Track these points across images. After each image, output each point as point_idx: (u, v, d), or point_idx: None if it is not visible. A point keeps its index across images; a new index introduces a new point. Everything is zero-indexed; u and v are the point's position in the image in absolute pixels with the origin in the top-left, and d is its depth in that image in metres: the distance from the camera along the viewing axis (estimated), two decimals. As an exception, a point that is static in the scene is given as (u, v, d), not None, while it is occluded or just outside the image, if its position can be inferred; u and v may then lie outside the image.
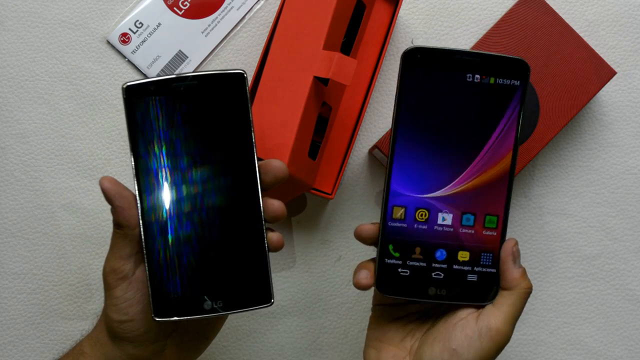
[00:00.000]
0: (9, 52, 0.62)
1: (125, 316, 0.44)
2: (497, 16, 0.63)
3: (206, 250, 0.44)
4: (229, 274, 0.44)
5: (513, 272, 0.45)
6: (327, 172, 0.59)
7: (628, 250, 0.63)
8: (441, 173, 0.46)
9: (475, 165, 0.46)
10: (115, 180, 0.43)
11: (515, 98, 0.46)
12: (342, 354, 0.62)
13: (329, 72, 0.51)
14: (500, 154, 0.46)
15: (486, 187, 0.46)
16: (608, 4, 0.64)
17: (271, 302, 0.44)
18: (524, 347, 0.63)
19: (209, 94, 0.43)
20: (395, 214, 0.46)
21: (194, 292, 0.43)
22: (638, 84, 0.64)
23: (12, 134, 0.62)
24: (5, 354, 0.61)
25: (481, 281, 0.46)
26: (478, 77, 0.46)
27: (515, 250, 0.46)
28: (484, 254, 0.46)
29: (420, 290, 0.46)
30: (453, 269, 0.46)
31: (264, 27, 0.63)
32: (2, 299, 0.62)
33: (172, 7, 0.62)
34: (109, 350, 0.45)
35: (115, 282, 0.43)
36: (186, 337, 0.47)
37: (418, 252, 0.46)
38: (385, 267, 0.46)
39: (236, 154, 0.44)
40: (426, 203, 0.46)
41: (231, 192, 0.44)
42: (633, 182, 0.63)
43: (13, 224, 0.62)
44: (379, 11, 0.61)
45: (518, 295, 0.45)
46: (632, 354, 0.63)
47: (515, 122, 0.46)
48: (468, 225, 0.46)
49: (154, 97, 0.43)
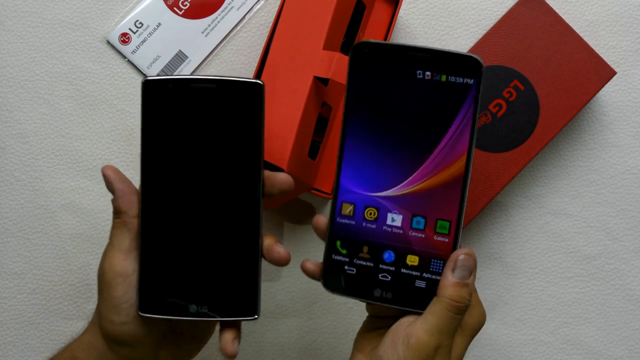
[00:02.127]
0: (9, 52, 0.62)
1: (127, 317, 0.43)
2: (497, 16, 0.63)
3: (200, 254, 0.44)
4: (218, 280, 0.44)
5: (445, 279, 0.43)
6: (327, 172, 0.59)
7: (628, 250, 0.63)
8: (392, 172, 0.44)
9: (426, 167, 0.44)
10: (117, 170, 0.44)
11: (468, 97, 0.43)
12: (342, 354, 0.62)
13: (329, 72, 0.51)
14: (453, 156, 0.44)
15: (438, 190, 0.44)
16: (608, 4, 0.64)
17: (255, 316, 0.44)
18: (524, 347, 0.63)
19: (225, 99, 0.43)
20: (344, 210, 0.45)
21: (182, 293, 0.43)
22: (638, 84, 0.64)
23: (12, 134, 0.62)
24: (5, 354, 0.61)
25: (428, 289, 0.44)
26: (429, 74, 0.44)
27: (461, 259, 0.43)
28: (434, 260, 0.44)
29: (366, 291, 0.45)
30: (401, 272, 0.44)
31: (264, 27, 0.63)
32: (2, 299, 0.62)
33: (172, 7, 0.62)
34: (103, 354, 0.44)
35: (115, 281, 0.42)
36: (180, 339, 0.46)
37: (365, 251, 0.45)
38: (332, 263, 0.45)
39: (243, 162, 0.44)
40: (375, 202, 0.45)
41: (233, 200, 0.44)
42: (633, 182, 0.63)
43: (13, 224, 0.62)
44: (379, 11, 0.61)
45: (441, 304, 0.42)
46: (632, 354, 0.63)
47: (469, 122, 0.43)
48: (418, 229, 0.44)
49: (171, 94, 0.43)
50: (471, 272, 0.43)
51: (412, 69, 0.44)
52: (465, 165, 0.44)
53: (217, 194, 0.43)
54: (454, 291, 0.42)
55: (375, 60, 0.44)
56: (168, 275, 0.43)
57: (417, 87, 0.44)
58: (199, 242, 0.44)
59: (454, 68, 0.43)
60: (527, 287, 0.63)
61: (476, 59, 0.43)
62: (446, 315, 0.42)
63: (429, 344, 0.41)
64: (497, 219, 0.63)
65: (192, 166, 0.43)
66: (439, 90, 0.44)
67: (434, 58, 0.43)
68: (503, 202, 0.63)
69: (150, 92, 0.43)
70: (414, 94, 0.44)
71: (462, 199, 0.44)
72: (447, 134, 0.44)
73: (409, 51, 0.44)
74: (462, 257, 0.43)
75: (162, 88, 0.43)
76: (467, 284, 0.42)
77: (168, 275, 0.43)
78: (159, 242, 0.43)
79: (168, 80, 0.43)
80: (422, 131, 0.44)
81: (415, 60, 0.44)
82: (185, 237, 0.43)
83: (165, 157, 0.43)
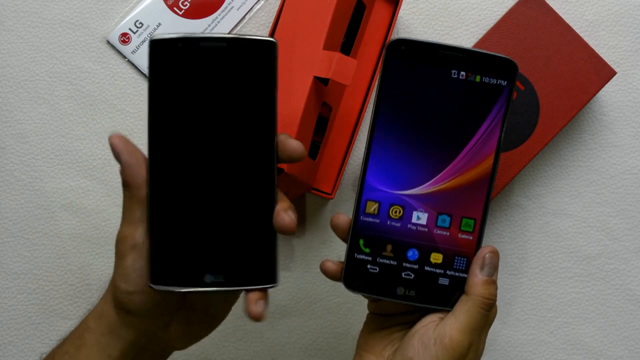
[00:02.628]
0: (9, 52, 0.62)
1: (134, 287, 0.42)
2: (497, 16, 0.63)
3: (213, 221, 0.41)
4: (233, 248, 0.42)
5: (474, 277, 0.43)
6: (327, 172, 0.59)
7: (628, 250, 0.63)
8: (419, 170, 0.44)
9: (454, 165, 0.44)
10: (125, 138, 0.41)
11: (501, 98, 0.44)
12: (342, 354, 0.62)
13: (329, 72, 0.51)
14: (481, 155, 0.44)
15: (465, 188, 0.45)
16: (608, 4, 0.64)
17: (275, 283, 0.42)
18: (524, 347, 0.63)
19: (236, 58, 0.41)
20: (368, 208, 0.45)
21: (195, 262, 0.41)
22: (638, 84, 0.64)
23: (12, 134, 0.62)
24: (5, 354, 0.61)
25: (452, 286, 0.45)
26: (463, 74, 0.44)
27: (488, 257, 0.44)
28: (458, 257, 0.45)
29: (389, 289, 0.45)
30: (424, 270, 0.45)
31: (264, 27, 0.63)
32: (2, 299, 0.62)
33: (172, 7, 0.62)
34: (113, 323, 0.43)
35: (126, 251, 0.41)
36: (193, 315, 0.45)
37: (389, 249, 0.45)
38: (354, 262, 0.45)
39: (255, 125, 0.41)
40: (401, 200, 0.45)
41: (246, 165, 0.41)
42: (633, 182, 0.63)
43: (13, 224, 0.62)
44: (379, 11, 0.61)
45: (473, 302, 0.43)
46: (632, 354, 0.63)
47: (499, 123, 0.44)
48: (443, 227, 0.45)
49: (180, 54, 0.41)
50: (496, 269, 0.44)
51: (447, 68, 0.44)
52: (492, 164, 0.44)
53: (229, 157, 0.41)
54: (484, 289, 0.43)
55: (411, 57, 0.44)
56: (180, 245, 0.41)
57: (451, 86, 0.44)
58: (211, 208, 0.41)
59: (489, 69, 0.44)
60: (527, 287, 0.63)
61: (512, 62, 0.44)
62: (478, 312, 0.43)
63: (463, 343, 0.42)
64: (497, 219, 0.63)
65: (203, 129, 0.41)
66: (472, 91, 0.44)
67: (469, 58, 0.44)
68: (503, 202, 0.63)
69: (157, 52, 0.41)
70: (447, 93, 0.44)
71: (488, 197, 0.45)
72: (477, 134, 0.44)
73: (446, 50, 0.44)
74: (488, 255, 0.44)
75: (170, 47, 0.41)
76: (494, 280, 0.44)
77: (180, 245, 0.41)
78: (169, 211, 0.41)
79: (176, 40, 0.41)
80: (453, 130, 0.44)
81: (450, 60, 0.44)
82: (196, 204, 0.41)
83: (174, 121, 0.41)
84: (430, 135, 0.44)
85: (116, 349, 0.44)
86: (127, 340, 0.44)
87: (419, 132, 0.44)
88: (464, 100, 0.44)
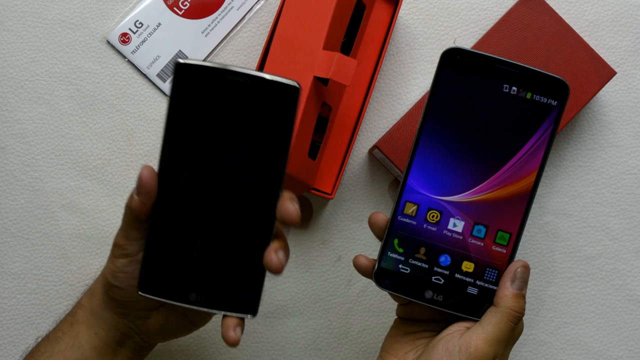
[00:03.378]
0: (9, 52, 0.62)
1: (118, 283, 0.44)
2: (497, 16, 0.63)
3: (207, 246, 0.43)
4: (222, 275, 0.43)
5: (505, 289, 0.44)
6: (327, 172, 0.59)
7: (628, 250, 0.63)
8: (460, 178, 0.45)
9: (496, 178, 0.45)
10: (153, 174, 0.42)
11: (549, 117, 0.45)
12: (342, 354, 0.62)
13: (329, 72, 0.51)
14: (524, 171, 0.45)
15: (504, 202, 0.45)
16: (608, 4, 0.64)
17: (255, 315, 0.43)
18: (523, 347, 0.63)
19: (258, 96, 0.42)
20: (407, 209, 0.46)
21: (184, 280, 0.43)
22: (638, 84, 0.64)
23: (12, 134, 0.62)
24: (5, 354, 0.61)
25: (480, 296, 0.45)
26: (515, 90, 0.45)
27: (520, 271, 0.44)
28: (489, 269, 0.45)
29: (417, 291, 0.45)
30: (455, 277, 0.45)
31: (264, 27, 0.63)
32: (2, 299, 0.62)
33: (172, 7, 0.62)
34: (98, 303, 0.46)
35: (120, 256, 0.44)
36: (172, 315, 0.47)
37: (422, 252, 0.46)
38: (387, 260, 0.46)
39: (266, 165, 0.42)
40: (440, 205, 0.45)
41: (248, 201, 0.43)
42: (633, 182, 0.63)
43: (13, 224, 0.62)
44: (379, 11, 0.61)
45: (502, 314, 0.43)
46: (632, 354, 0.63)
47: (545, 141, 0.45)
48: (478, 237, 0.45)
49: (203, 82, 0.41)
50: (526, 284, 0.45)
51: (499, 81, 0.45)
52: (534, 181, 0.45)
53: (233, 191, 0.43)
54: (514, 302, 0.43)
55: (465, 68, 0.45)
56: (172, 262, 0.43)
57: (501, 100, 0.45)
58: (208, 234, 0.43)
59: (541, 87, 0.45)
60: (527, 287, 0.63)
61: (564, 83, 0.45)
62: (507, 325, 0.43)
63: (488, 354, 0.42)
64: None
65: (212, 160, 0.42)
66: (522, 107, 0.45)
67: (522, 74, 0.45)
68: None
69: (181, 76, 0.41)
70: (497, 107, 0.45)
71: (526, 214, 0.45)
72: (523, 149, 0.45)
73: (500, 64, 0.45)
74: (520, 269, 0.44)
75: (195, 74, 0.41)
76: (524, 295, 0.44)
77: (172, 262, 0.43)
78: (169, 229, 0.43)
79: (201, 67, 0.41)
80: (499, 143, 0.45)
81: (504, 74, 0.45)
82: (195, 227, 0.43)
83: (187, 144, 0.42)
84: (476, 146, 0.45)
85: (102, 328, 0.46)
86: (110, 322, 0.46)
87: (464, 141, 0.45)
88: (512, 115, 0.45)
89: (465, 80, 0.45)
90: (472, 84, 0.45)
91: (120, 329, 0.46)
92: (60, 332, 0.48)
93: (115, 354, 0.47)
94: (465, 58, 0.45)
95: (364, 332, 0.62)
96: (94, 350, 0.46)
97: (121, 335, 0.47)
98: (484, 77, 0.45)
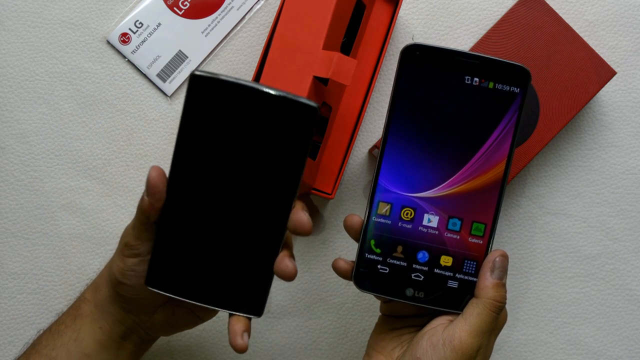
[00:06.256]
0: (9, 52, 0.62)
1: (126, 281, 0.44)
2: (497, 16, 0.63)
3: (217, 247, 0.43)
4: (231, 275, 0.44)
5: (485, 280, 0.44)
6: (327, 172, 0.59)
7: (628, 250, 0.63)
8: (431, 174, 0.45)
9: (466, 170, 0.45)
10: (162, 175, 0.42)
11: (513, 105, 0.45)
12: (342, 354, 0.63)
13: (329, 72, 0.51)
14: (493, 160, 0.45)
15: (476, 193, 0.45)
16: (608, 4, 0.64)
17: (260, 316, 0.44)
18: (524, 347, 0.63)
19: (273, 114, 0.41)
20: (380, 209, 0.46)
21: (192, 276, 0.43)
22: (638, 84, 0.64)
23: (12, 134, 0.62)
24: (5, 354, 0.61)
25: (461, 289, 0.45)
26: (477, 80, 0.45)
27: (498, 261, 0.44)
28: (468, 261, 0.45)
29: (398, 290, 0.45)
30: (434, 272, 0.45)
31: (264, 27, 0.63)
32: (2, 299, 0.62)
33: (172, 7, 0.62)
34: (105, 297, 0.46)
35: (129, 254, 0.44)
36: (178, 310, 0.47)
37: (400, 250, 0.45)
38: (365, 262, 0.46)
39: (280, 178, 0.42)
40: (413, 202, 0.45)
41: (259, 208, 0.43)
42: (633, 182, 0.63)
43: (13, 224, 0.62)
44: (379, 11, 0.61)
45: (484, 305, 0.43)
46: (632, 354, 0.63)
47: (512, 129, 0.45)
48: (454, 230, 0.45)
49: (218, 95, 0.41)
50: (506, 273, 0.45)
51: (460, 74, 0.45)
52: (504, 169, 0.45)
53: (245, 199, 0.42)
54: (495, 292, 0.44)
55: (425, 63, 0.45)
56: (181, 259, 0.43)
57: (464, 92, 0.45)
58: (218, 237, 0.43)
59: (502, 76, 0.45)
60: (527, 287, 0.63)
61: (525, 69, 0.45)
62: (488, 315, 0.43)
63: (472, 346, 0.42)
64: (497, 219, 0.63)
65: (225, 172, 0.42)
66: (486, 97, 0.45)
67: (483, 65, 0.45)
68: (503, 202, 0.63)
69: (196, 88, 0.41)
70: (460, 99, 0.45)
71: (499, 202, 0.45)
72: (490, 139, 0.45)
73: (460, 57, 0.45)
74: (498, 258, 0.44)
75: (210, 86, 0.41)
76: (504, 284, 0.44)
77: (181, 259, 0.43)
78: (179, 229, 0.43)
79: (217, 80, 0.41)
80: (465, 135, 0.45)
81: (464, 66, 0.45)
82: (205, 230, 0.43)
83: (199, 154, 0.42)
84: (443, 140, 0.45)
85: (106, 322, 0.46)
86: (115, 317, 0.46)
87: (432, 136, 0.45)
88: (477, 106, 0.45)
89: (427, 76, 0.45)
90: (434, 78, 0.45)
91: (125, 323, 0.47)
92: (63, 325, 0.48)
93: (119, 347, 0.47)
94: (425, 53, 0.45)
95: (364, 332, 0.62)
96: (97, 344, 0.46)
97: (126, 329, 0.47)
98: (445, 71, 0.45)
